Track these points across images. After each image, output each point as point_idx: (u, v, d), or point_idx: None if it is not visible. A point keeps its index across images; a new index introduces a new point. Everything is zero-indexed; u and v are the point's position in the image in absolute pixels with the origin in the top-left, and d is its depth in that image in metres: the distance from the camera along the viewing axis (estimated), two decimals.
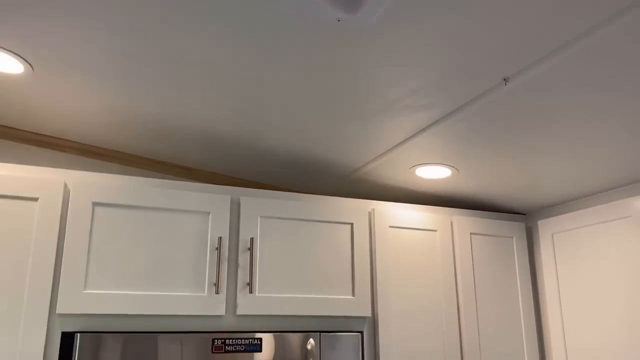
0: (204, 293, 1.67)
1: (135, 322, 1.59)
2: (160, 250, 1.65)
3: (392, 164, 1.92)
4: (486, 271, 2.12)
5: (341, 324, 1.84)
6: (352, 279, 1.88)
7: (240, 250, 1.75)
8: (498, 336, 2.06)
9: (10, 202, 1.53)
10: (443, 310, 1.99)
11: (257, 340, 1.67)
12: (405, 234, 2.02)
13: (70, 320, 1.52)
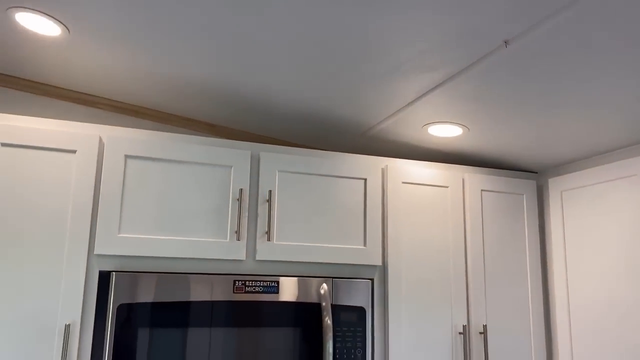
0: (226, 239, 1.83)
1: (164, 264, 1.76)
2: (186, 200, 1.80)
3: (405, 122, 2.00)
4: (495, 227, 2.21)
5: (353, 272, 1.98)
6: (364, 231, 2.01)
7: (259, 201, 1.89)
8: (504, 289, 2.17)
9: (52, 154, 1.69)
10: (451, 263, 2.11)
11: (274, 283, 1.83)
12: (417, 190, 2.12)
13: (106, 261, 1.70)
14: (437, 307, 2.05)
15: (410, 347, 1.98)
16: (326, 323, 1.82)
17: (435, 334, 2.03)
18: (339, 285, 1.90)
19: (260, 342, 1.76)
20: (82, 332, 1.63)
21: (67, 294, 1.62)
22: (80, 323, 1.63)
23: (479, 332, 2.08)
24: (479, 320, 2.09)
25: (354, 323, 1.89)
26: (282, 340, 1.79)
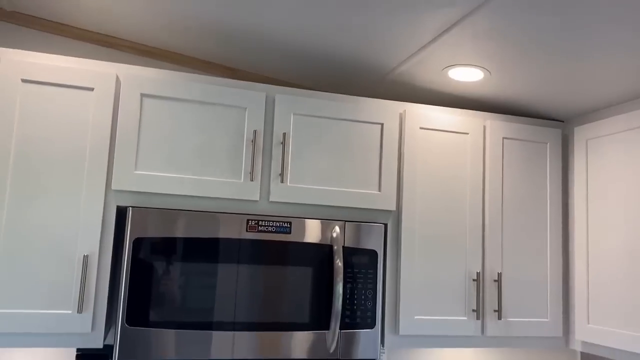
0: (240, 180, 1.85)
1: (179, 201, 1.80)
2: (201, 140, 1.83)
3: (424, 65, 1.95)
4: (516, 175, 2.16)
5: (367, 216, 1.98)
6: (379, 176, 2.00)
7: (274, 143, 1.90)
8: (522, 238, 2.14)
9: (71, 91, 1.73)
10: (467, 210, 2.08)
11: (287, 224, 1.85)
12: (436, 136, 2.08)
13: (123, 196, 1.75)
14: (451, 253, 2.04)
15: (421, 293, 1.99)
16: (337, 266, 1.84)
17: (448, 280, 2.03)
18: (351, 228, 1.91)
19: (271, 280, 1.80)
20: (100, 264, 1.70)
21: (85, 226, 1.69)
22: (98, 255, 1.70)
23: (493, 279, 2.07)
24: (493, 267, 2.08)
25: (366, 265, 1.91)
26: (293, 280, 1.83)
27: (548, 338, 2.13)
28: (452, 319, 2.01)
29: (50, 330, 1.64)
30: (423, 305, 1.99)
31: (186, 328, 1.71)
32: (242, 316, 1.76)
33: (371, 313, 1.89)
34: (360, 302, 1.88)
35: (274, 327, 1.79)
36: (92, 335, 1.69)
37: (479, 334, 2.04)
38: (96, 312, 1.69)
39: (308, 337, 1.82)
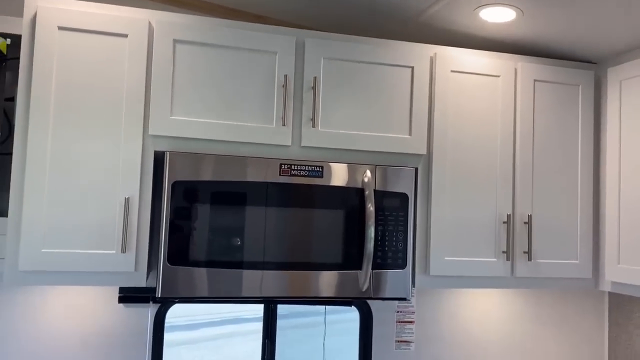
0: (272, 125, 1.87)
1: (214, 146, 1.84)
2: (233, 85, 1.85)
3: (456, 5, 1.92)
4: (547, 118, 2.15)
5: (397, 160, 2.00)
6: (409, 120, 2.00)
7: (304, 88, 1.91)
8: (552, 180, 2.14)
9: (105, 38, 1.75)
10: (498, 153, 2.08)
11: (319, 168, 1.88)
12: (467, 79, 2.07)
13: (160, 141, 1.80)
14: (482, 196, 2.06)
15: (452, 235, 2.02)
16: (368, 209, 1.87)
17: (478, 223, 2.05)
18: (382, 172, 1.93)
19: (303, 222, 1.85)
20: (140, 206, 1.76)
21: (125, 170, 1.74)
22: (139, 197, 1.76)
23: (524, 221, 2.09)
24: (524, 210, 2.09)
25: (396, 208, 1.94)
26: (326, 222, 1.87)
27: (577, 279, 2.15)
28: (482, 260, 2.04)
29: (96, 269, 1.72)
30: (453, 247, 2.02)
31: (221, 267, 1.77)
32: (275, 256, 1.82)
33: (402, 254, 1.93)
34: (391, 243, 1.92)
35: (305, 266, 1.84)
36: (136, 275, 1.76)
37: (509, 275, 2.07)
38: (138, 252, 1.76)
39: (339, 276, 1.87)
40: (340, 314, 6.96)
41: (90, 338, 2.06)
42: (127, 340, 2.10)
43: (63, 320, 2.05)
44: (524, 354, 2.52)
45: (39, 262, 1.68)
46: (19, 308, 2.01)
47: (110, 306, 2.09)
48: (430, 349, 2.41)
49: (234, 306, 8.56)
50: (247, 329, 7.86)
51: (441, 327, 2.43)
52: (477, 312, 2.48)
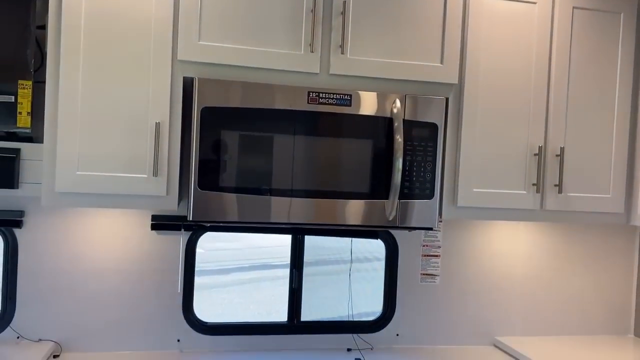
0: (300, 52, 1.85)
1: (242, 73, 1.83)
2: (262, 10, 1.82)
3: None
4: (585, 47, 2.07)
5: (428, 89, 1.96)
6: (441, 47, 1.95)
7: (333, 13, 1.87)
8: (587, 113, 2.08)
9: None
10: (532, 83, 2.03)
11: (347, 96, 1.86)
12: (501, 6, 2.00)
13: (189, 67, 1.80)
14: (513, 127, 2.02)
15: (481, 166, 2.00)
16: (397, 140, 1.85)
17: (509, 155, 2.02)
18: (412, 101, 1.91)
19: (330, 151, 1.85)
20: (171, 131, 1.79)
21: (155, 95, 1.76)
22: (169, 123, 1.78)
23: (555, 154, 2.05)
24: (556, 142, 2.05)
25: (425, 138, 1.92)
26: (354, 152, 1.87)
27: (608, 214, 2.12)
28: (511, 192, 2.03)
29: (128, 192, 1.76)
30: (482, 178, 2.01)
31: (249, 193, 1.79)
32: (303, 184, 1.83)
33: (430, 185, 1.92)
34: (419, 174, 1.91)
35: (332, 195, 1.85)
36: (167, 199, 1.80)
37: (538, 208, 2.05)
38: (169, 176, 1.79)
39: (366, 205, 1.88)
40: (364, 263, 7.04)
41: (123, 263, 2.14)
42: (158, 267, 2.17)
43: (98, 246, 2.12)
44: (549, 290, 2.53)
45: (73, 184, 1.73)
46: (58, 233, 2.09)
47: (143, 234, 2.16)
48: (454, 283, 2.43)
49: (262, 252, 8.75)
50: (274, 274, 8.06)
51: (466, 261, 2.44)
52: (504, 247, 2.48)
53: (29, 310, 2.08)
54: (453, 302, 2.43)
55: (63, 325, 2.10)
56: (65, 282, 2.10)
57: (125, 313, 2.15)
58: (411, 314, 2.40)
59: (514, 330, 2.50)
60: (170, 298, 2.18)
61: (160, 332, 2.18)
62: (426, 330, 2.41)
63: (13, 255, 2.08)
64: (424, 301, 2.41)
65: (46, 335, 2.09)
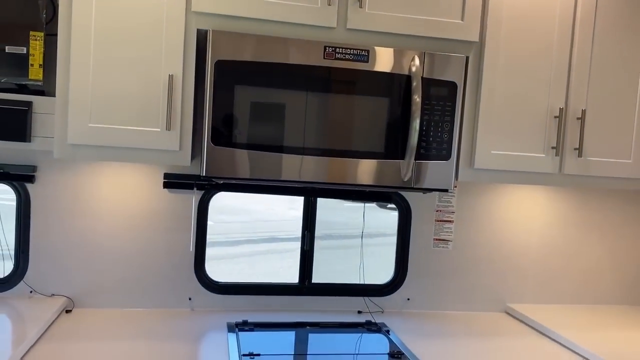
0: (317, 5, 1.80)
1: (256, 26, 1.78)
2: None
3: None
4: (611, 7, 1.99)
5: (447, 47, 1.91)
6: (462, 3, 1.89)
7: None
8: (611, 76, 2.02)
9: None
10: (555, 43, 1.97)
11: (365, 52, 1.81)
12: None
13: (202, 18, 1.76)
14: (534, 88, 1.97)
15: (500, 128, 1.96)
16: (415, 100, 1.81)
17: (529, 116, 1.97)
18: (431, 59, 1.85)
19: (346, 108, 1.81)
20: (184, 85, 1.76)
21: (168, 47, 1.72)
22: (182, 76, 1.75)
23: (576, 117, 2.00)
24: (577, 104, 1.99)
25: (444, 98, 1.87)
26: (369, 110, 1.82)
27: (629, 179, 2.08)
28: (529, 155, 1.98)
29: (141, 146, 1.74)
30: (500, 140, 1.96)
31: (262, 150, 1.76)
32: (316, 142, 1.80)
33: (447, 145, 1.88)
34: (436, 134, 1.87)
35: (346, 154, 1.82)
36: (180, 154, 1.78)
37: (557, 172, 2.01)
38: (182, 130, 1.77)
39: (380, 165, 1.84)
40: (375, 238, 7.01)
41: (135, 221, 2.14)
42: (171, 225, 2.16)
43: (111, 203, 2.12)
44: (565, 258, 2.50)
45: (86, 136, 1.71)
46: (71, 189, 2.09)
47: (156, 192, 2.14)
48: (467, 249, 2.41)
49: (271, 226, 8.77)
50: (282, 247, 8.11)
51: (480, 228, 2.41)
52: (519, 214, 2.44)
53: (41, 265, 2.09)
54: (465, 268, 2.41)
55: (75, 281, 2.11)
56: (77, 238, 2.10)
57: (137, 270, 2.15)
58: (423, 279, 2.38)
59: (526, 298, 2.48)
60: (182, 256, 2.18)
61: (172, 290, 2.18)
62: (437, 296, 2.40)
63: (25, 210, 2.08)
64: (436, 267, 2.39)
65: (59, 290, 2.11)
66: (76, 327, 1.92)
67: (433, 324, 2.22)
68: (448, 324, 2.23)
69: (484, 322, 2.26)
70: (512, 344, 2.04)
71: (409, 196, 2.34)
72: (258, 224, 8.99)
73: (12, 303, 1.98)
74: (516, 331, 2.20)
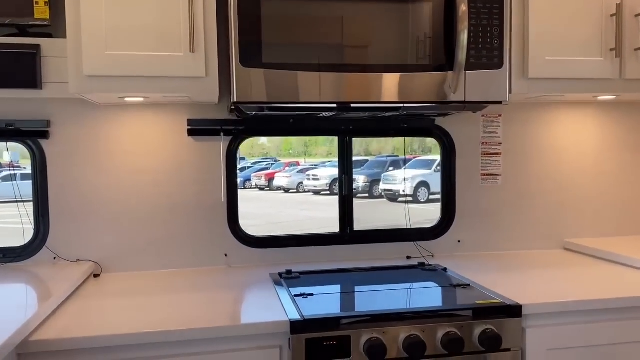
0: None
1: None
2: None
3: None
4: None
5: None
6: None
7: None
8: None
9: None
10: None
11: None
12: None
13: None
14: None
15: (553, 31, 1.78)
16: (461, 9, 1.62)
17: (583, 17, 1.79)
18: None
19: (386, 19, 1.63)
20: (205, 1, 1.59)
21: None
22: None
23: (635, 14, 1.81)
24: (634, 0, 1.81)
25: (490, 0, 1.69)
26: (411, 18, 1.65)
27: None
28: (587, 59, 1.80)
29: (163, 74, 1.57)
30: (554, 45, 1.78)
31: (296, 69, 1.59)
32: (353, 57, 1.62)
33: (498, 52, 1.70)
34: (485, 40, 1.69)
35: (388, 69, 1.64)
36: (206, 81, 1.61)
37: (617, 77, 1.83)
38: (207, 53, 1.60)
39: (428, 78, 1.67)
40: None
41: (160, 174, 1.97)
42: (198, 177, 1.99)
43: (132, 157, 1.95)
44: (622, 187, 2.31)
45: (103, 66, 1.54)
46: (88, 143, 1.92)
47: (180, 141, 1.98)
48: (518, 183, 2.23)
49: (281, 227, 8.58)
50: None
51: (530, 159, 2.23)
52: (571, 141, 2.26)
53: (63, 229, 1.92)
54: (517, 203, 2.23)
55: (101, 244, 1.94)
56: (99, 197, 1.94)
57: (166, 228, 1.98)
58: (472, 218, 2.20)
59: (585, 232, 2.29)
60: (213, 210, 2.01)
61: (206, 247, 2.01)
62: (489, 236, 2.22)
63: (42, 170, 1.91)
64: (485, 204, 2.21)
65: (84, 255, 1.94)
66: (108, 288, 1.75)
67: (490, 263, 2.04)
68: (506, 262, 2.05)
69: (543, 261, 2.08)
70: (580, 271, 1.86)
71: (451, 128, 2.16)
72: (269, 227, 8.81)
73: (35, 271, 1.82)
74: (580, 262, 2.01)
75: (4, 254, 1.91)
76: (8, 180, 4.44)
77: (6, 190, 4.21)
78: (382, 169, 9.39)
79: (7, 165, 4.50)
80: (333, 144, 7.60)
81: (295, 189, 10.94)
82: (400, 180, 9.04)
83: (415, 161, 8.83)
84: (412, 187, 8.76)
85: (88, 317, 1.44)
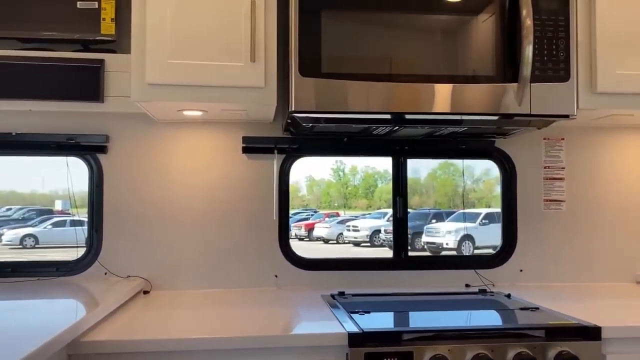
0: None
1: None
2: None
3: None
4: None
5: None
6: None
7: None
8: None
9: None
10: None
11: None
12: None
13: None
14: None
15: (621, 40, 1.71)
16: (524, 14, 1.58)
17: None
18: None
19: (448, 29, 1.61)
20: (266, 12, 1.61)
21: None
22: (264, 1, 1.60)
23: None
24: None
25: (556, 12, 1.63)
26: (475, 29, 1.61)
27: None
28: None
29: (224, 83, 1.58)
30: (624, 56, 1.71)
31: (355, 79, 1.56)
32: (415, 68, 1.59)
33: (564, 64, 1.63)
34: (550, 52, 1.63)
35: (450, 79, 1.60)
36: (266, 91, 1.61)
37: None
38: (267, 64, 1.60)
39: (493, 89, 1.61)
40: None
41: (213, 191, 1.96)
42: (251, 195, 1.97)
43: (187, 173, 1.95)
44: None
45: (165, 74, 1.56)
46: (144, 159, 1.94)
47: (234, 158, 1.97)
48: (584, 210, 2.10)
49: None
50: None
51: (596, 184, 2.11)
52: (637, 168, 2.13)
53: (115, 244, 1.92)
54: (583, 232, 2.10)
55: (152, 260, 1.92)
56: (153, 213, 1.93)
57: (217, 246, 1.95)
58: (535, 246, 2.08)
59: None
60: (265, 230, 1.97)
61: (256, 268, 1.96)
62: (554, 265, 2.08)
63: (98, 185, 1.93)
64: (549, 231, 2.08)
65: (134, 271, 1.92)
66: (157, 302, 1.71)
67: (557, 292, 1.90)
68: (574, 292, 1.90)
69: (616, 290, 1.92)
70: None
71: (511, 151, 2.08)
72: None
73: (87, 285, 1.80)
74: None
75: (57, 268, 1.91)
76: (58, 226, 4.61)
77: (54, 235, 4.38)
78: (425, 221, 9.20)
79: (58, 212, 4.63)
80: (373, 197, 7.55)
81: (335, 239, 10.82)
82: (443, 233, 8.85)
83: (458, 214, 8.64)
84: (455, 241, 8.50)
85: (138, 324, 1.39)
